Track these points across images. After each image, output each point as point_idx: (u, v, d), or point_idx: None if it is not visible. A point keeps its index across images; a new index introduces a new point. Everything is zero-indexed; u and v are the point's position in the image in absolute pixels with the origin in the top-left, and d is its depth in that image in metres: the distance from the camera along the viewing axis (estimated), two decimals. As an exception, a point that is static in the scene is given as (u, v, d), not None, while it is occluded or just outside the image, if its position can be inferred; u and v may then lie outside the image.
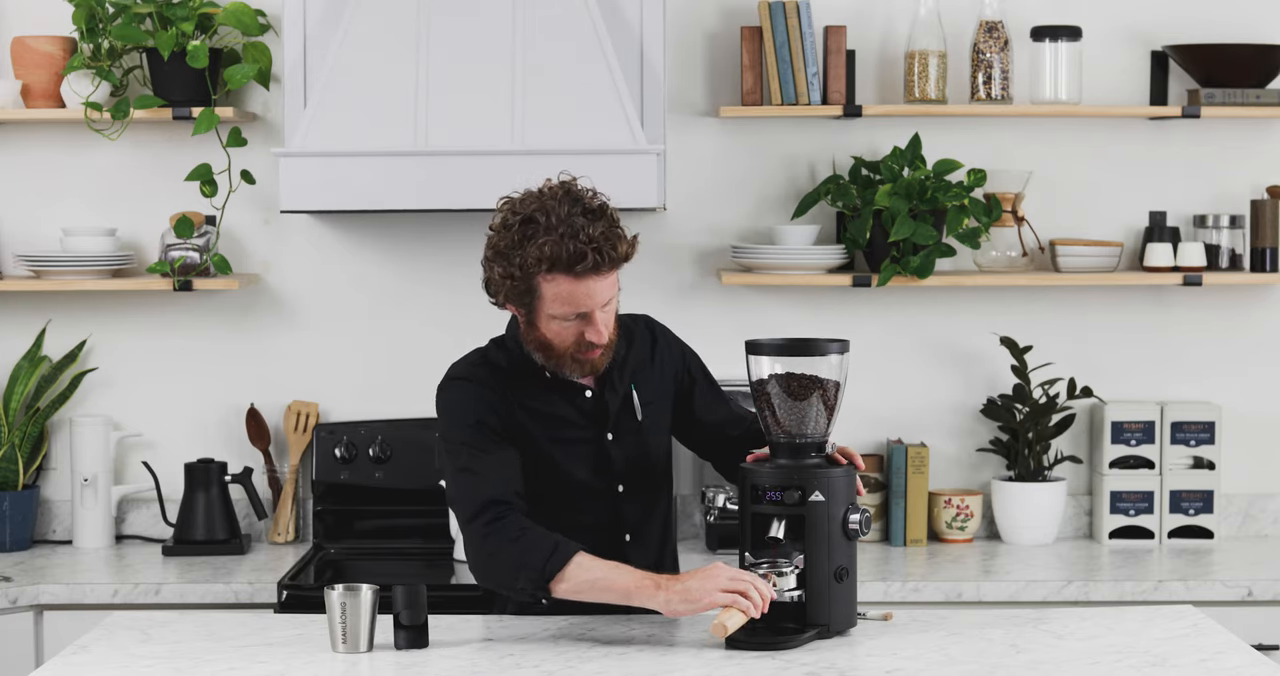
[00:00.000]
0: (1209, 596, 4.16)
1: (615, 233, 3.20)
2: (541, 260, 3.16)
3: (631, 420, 3.39)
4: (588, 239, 3.15)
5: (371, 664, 3.05)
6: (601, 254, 3.16)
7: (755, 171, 4.69)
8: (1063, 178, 4.70)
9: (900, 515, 4.57)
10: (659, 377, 3.45)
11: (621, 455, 3.38)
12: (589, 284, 3.19)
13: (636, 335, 3.46)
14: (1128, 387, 4.73)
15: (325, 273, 4.69)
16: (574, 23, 4.28)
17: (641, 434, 3.40)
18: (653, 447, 3.42)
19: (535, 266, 3.17)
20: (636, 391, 3.40)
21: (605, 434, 3.37)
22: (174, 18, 4.42)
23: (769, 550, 3.18)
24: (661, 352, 3.47)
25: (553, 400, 3.35)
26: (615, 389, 3.39)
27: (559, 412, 3.35)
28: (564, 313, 3.21)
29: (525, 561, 3.15)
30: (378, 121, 4.24)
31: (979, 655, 3.09)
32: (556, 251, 3.15)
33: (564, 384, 3.35)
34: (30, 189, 4.67)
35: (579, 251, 3.15)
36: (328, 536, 4.59)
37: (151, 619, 3.39)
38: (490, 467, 3.25)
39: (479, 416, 3.28)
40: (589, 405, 3.37)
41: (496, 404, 3.30)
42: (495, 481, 3.23)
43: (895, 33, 4.66)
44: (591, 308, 3.21)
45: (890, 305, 4.71)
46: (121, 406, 4.68)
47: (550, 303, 3.20)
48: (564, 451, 3.35)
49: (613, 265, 3.20)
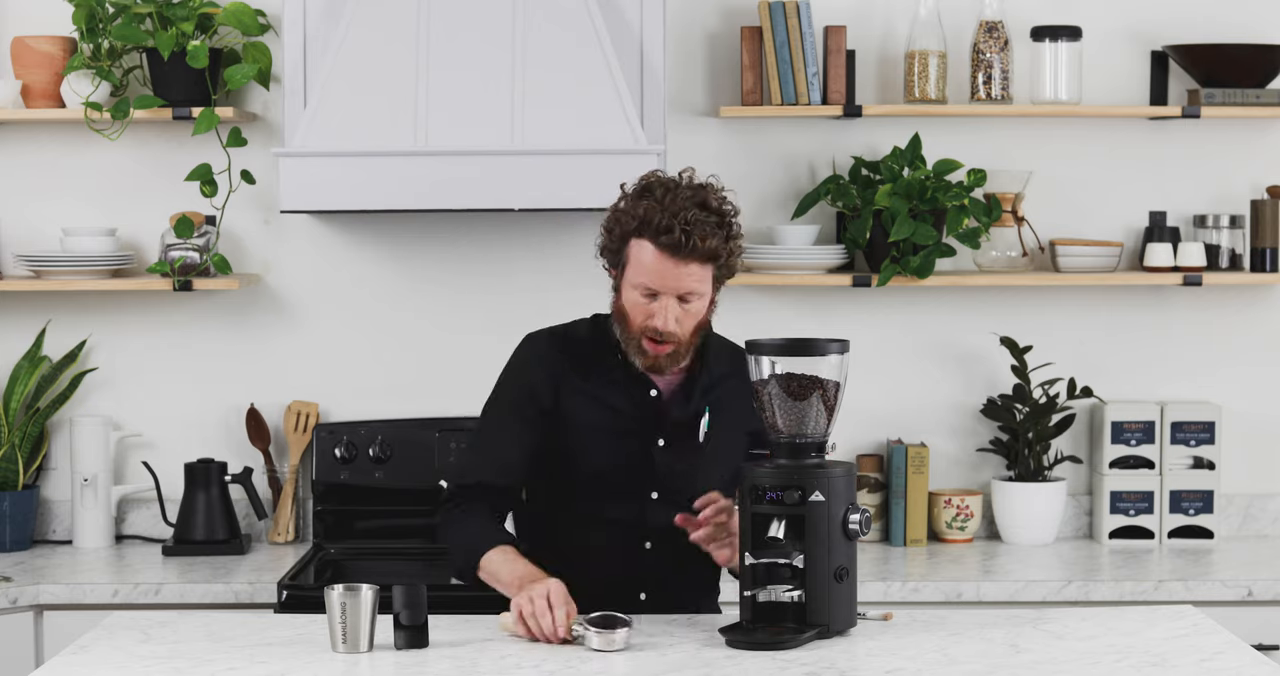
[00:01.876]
0: (1209, 596, 4.16)
1: (715, 229, 3.25)
2: (635, 219, 3.25)
3: (693, 436, 3.40)
4: (684, 220, 3.22)
5: (371, 664, 3.05)
6: (689, 237, 3.22)
7: (755, 171, 4.69)
8: (1063, 178, 4.70)
9: (900, 515, 4.58)
10: (748, 413, 3.37)
11: (667, 464, 3.38)
12: (669, 262, 3.23)
13: (742, 363, 3.40)
14: (1128, 387, 4.73)
15: (325, 273, 4.69)
16: (574, 23, 4.28)
17: (698, 453, 3.40)
18: (705, 470, 3.39)
19: (629, 224, 3.26)
20: (711, 414, 3.40)
21: (658, 439, 3.38)
22: (174, 18, 4.42)
23: (769, 550, 3.18)
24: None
25: (615, 389, 3.38)
26: (690, 401, 3.39)
27: (615, 403, 3.37)
28: (640, 283, 3.26)
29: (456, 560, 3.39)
30: (378, 121, 4.24)
31: (979, 655, 3.09)
32: (650, 216, 3.23)
33: (635, 377, 3.37)
34: (30, 189, 4.67)
35: (668, 225, 3.22)
36: (328, 536, 4.58)
37: (151, 619, 3.39)
38: (492, 445, 3.40)
39: (515, 391, 3.41)
40: (651, 404, 3.38)
41: (543, 381, 3.38)
42: (483, 464, 3.40)
43: (895, 33, 4.66)
44: (666, 289, 3.25)
45: (890, 305, 4.71)
46: (121, 406, 4.68)
47: (633, 269, 3.27)
48: (604, 443, 3.36)
49: (696, 254, 3.23)
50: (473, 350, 4.63)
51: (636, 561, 3.38)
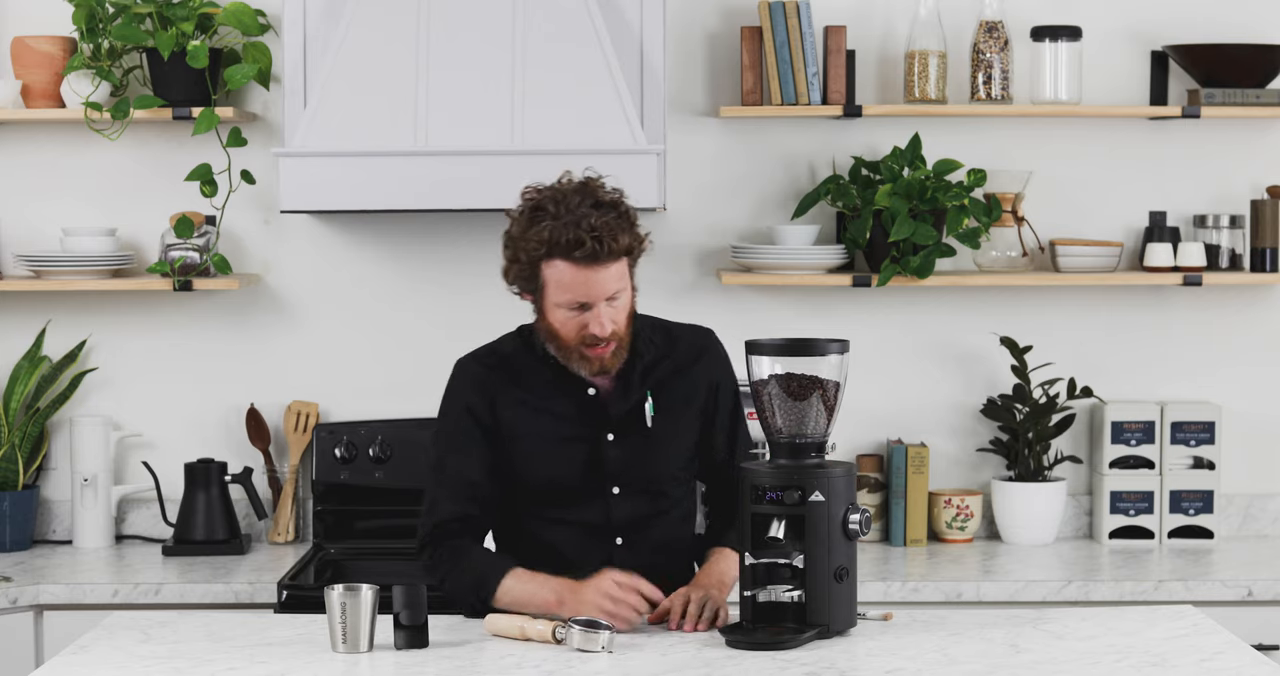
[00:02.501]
0: (1209, 596, 4.16)
1: (620, 225, 3.24)
2: (541, 244, 3.21)
3: (640, 425, 3.38)
4: (589, 227, 3.19)
5: (371, 664, 3.05)
6: (601, 243, 3.20)
7: (755, 171, 4.69)
8: (1063, 178, 4.70)
9: (900, 515, 4.57)
10: (689, 389, 3.42)
11: (620, 457, 3.37)
12: (589, 273, 3.21)
13: (681, 342, 3.45)
14: (1128, 387, 4.73)
15: (325, 273, 4.69)
16: (574, 23, 4.28)
17: (649, 439, 3.39)
18: (659, 455, 3.40)
19: (537, 250, 3.22)
20: (653, 398, 3.39)
21: (606, 434, 3.37)
22: (174, 18, 4.42)
23: (769, 550, 3.18)
24: (704, 368, 3.45)
25: (555, 396, 3.36)
26: (629, 391, 3.38)
27: (558, 409, 3.36)
28: (565, 300, 3.24)
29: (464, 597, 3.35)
30: (378, 121, 4.24)
31: (979, 655, 3.09)
32: (556, 236, 3.20)
33: (570, 379, 3.36)
34: (30, 189, 4.67)
35: (578, 238, 3.19)
36: (328, 536, 4.59)
37: (151, 619, 3.39)
38: (453, 474, 3.37)
39: (459, 417, 3.38)
40: (592, 404, 3.36)
41: (478, 402, 3.36)
42: (452, 494, 3.36)
43: (895, 33, 4.66)
44: (592, 299, 3.23)
45: (890, 305, 4.71)
46: (121, 406, 4.68)
47: (553, 290, 3.24)
48: (554, 450, 3.35)
49: (613, 256, 3.23)
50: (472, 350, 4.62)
51: (611, 558, 3.37)
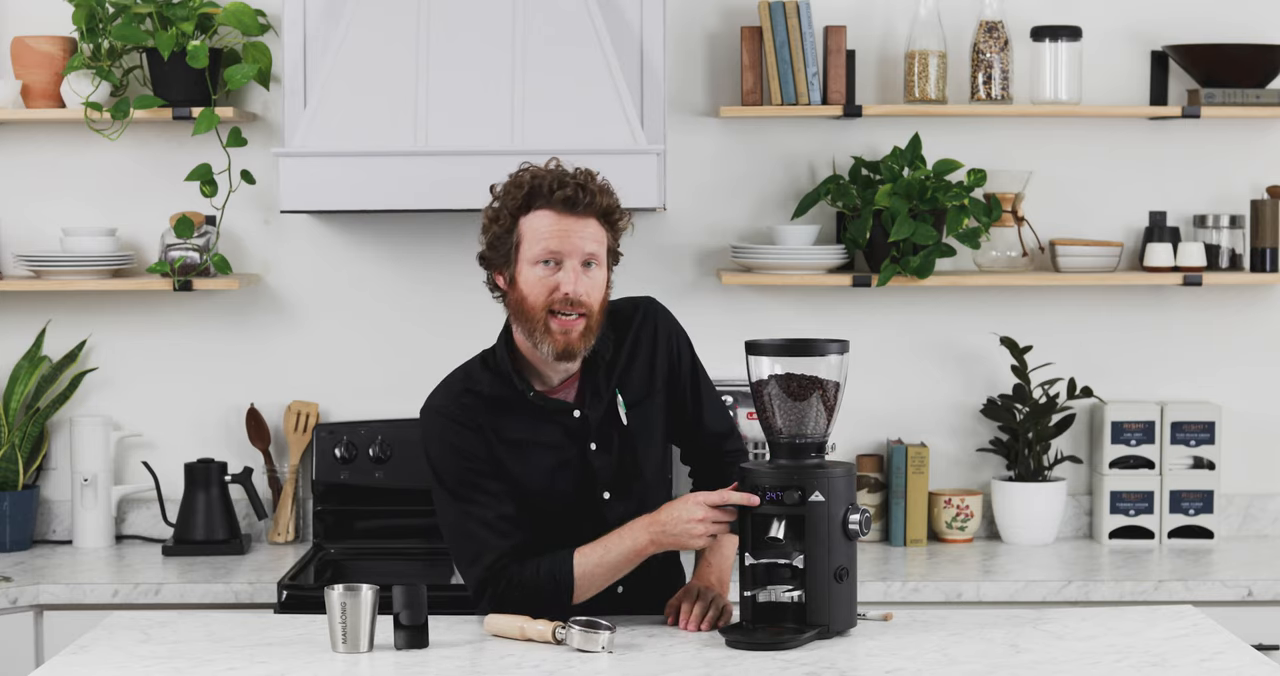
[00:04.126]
0: (1209, 596, 4.16)
1: (604, 188, 3.25)
2: (521, 188, 3.22)
3: (617, 425, 3.36)
4: (572, 177, 3.23)
5: (371, 664, 3.05)
6: (584, 191, 3.21)
7: (755, 171, 4.69)
8: (1063, 178, 4.70)
9: (900, 515, 4.58)
10: (650, 370, 3.40)
11: (606, 463, 3.35)
12: (568, 221, 3.20)
13: (634, 322, 3.40)
14: (1128, 387, 4.73)
15: (325, 273, 4.69)
16: (574, 23, 4.28)
17: (628, 438, 3.37)
18: (640, 449, 3.39)
19: (515, 199, 3.22)
20: (622, 394, 3.37)
21: (589, 445, 3.34)
22: (174, 18, 4.42)
23: (769, 550, 3.18)
24: (659, 343, 3.42)
25: (538, 425, 3.32)
26: (601, 395, 3.35)
27: (543, 438, 3.32)
28: (539, 252, 3.20)
29: (542, 608, 3.22)
30: (378, 121, 4.24)
31: (979, 655, 3.09)
32: (538, 182, 3.22)
33: (549, 407, 3.31)
34: (30, 189, 4.67)
35: (560, 181, 3.21)
36: (328, 536, 4.59)
37: (151, 619, 3.39)
38: (483, 517, 3.27)
39: (463, 459, 3.29)
40: (576, 425, 3.33)
41: (475, 443, 3.29)
42: (490, 536, 3.27)
43: (895, 33, 4.67)
44: (567, 251, 3.20)
45: (890, 305, 4.71)
46: (121, 406, 4.68)
47: (528, 243, 3.22)
48: (547, 474, 3.32)
49: (592, 209, 3.22)
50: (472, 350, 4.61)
51: None
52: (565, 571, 3.22)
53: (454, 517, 3.31)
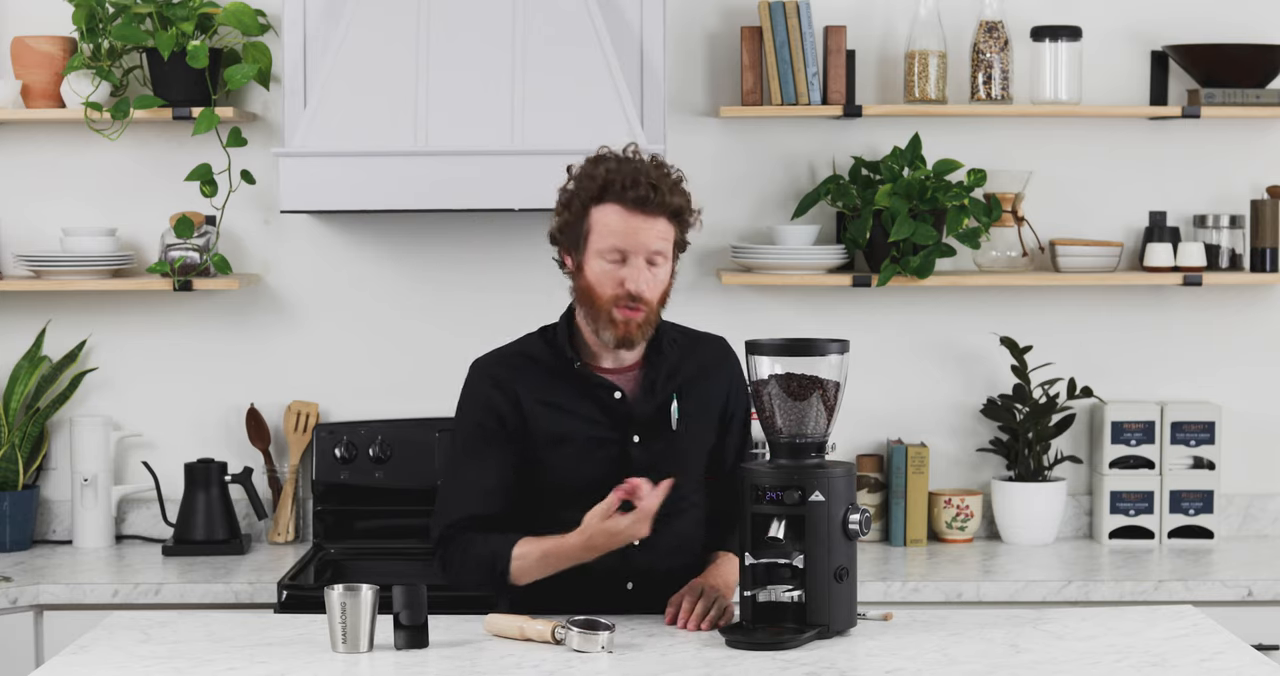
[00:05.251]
0: (1209, 596, 4.16)
1: (677, 186, 3.29)
2: (595, 181, 3.26)
3: (665, 427, 3.38)
4: (648, 176, 3.26)
5: (371, 664, 3.05)
6: (657, 191, 3.25)
7: (755, 171, 4.69)
8: (1063, 178, 4.70)
9: (900, 515, 4.58)
10: (711, 393, 3.42)
11: (645, 460, 3.35)
12: (638, 221, 3.25)
13: (702, 348, 3.45)
14: (1128, 387, 4.73)
15: (325, 273, 4.69)
16: (574, 22, 4.28)
17: (675, 443, 3.38)
18: (683, 457, 3.39)
19: (589, 189, 3.27)
20: (678, 400, 3.39)
21: (632, 436, 3.36)
22: (174, 18, 4.42)
23: (769, 550, 3.18)
24: (725, 375, 3.45)
25: (580, 398, 3.36)
26: (654, 393, 3.37)
27: (584, 412, 3.35)
28: (608, 246, 3.25)
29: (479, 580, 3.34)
30: (378, 121, 4.24)
31: (979, 655, 3.09)
32: (612, 177, 3.25)
33: (596, 382, 3.35)
34: (30, 189, 4.67)
35: (634, 180, 3.25)
36: (328, 536, 4.59)
37: (151, 619, 3.39)
38: (468, 478, 3.37)
39: (479, 418, 3.38)
40: (618, 407, 3.36)
41: (503, 402, 3.35)
42: (464, 497, 3.36)
43: (895, 33, 4.67)
44: (636, 248, 3.25)
45: (890, 305, 4.71)
46: (121, 406, 4.68)
47: (597, 235, 3.26)
48: (579, 453, 3.34)
49: (663, 209, 3.26)
50: (472, 350, 4.58)
51: (624, 554, 3.35)
52: (505, 554, 3.30)
53: (448, 468, 3.44)
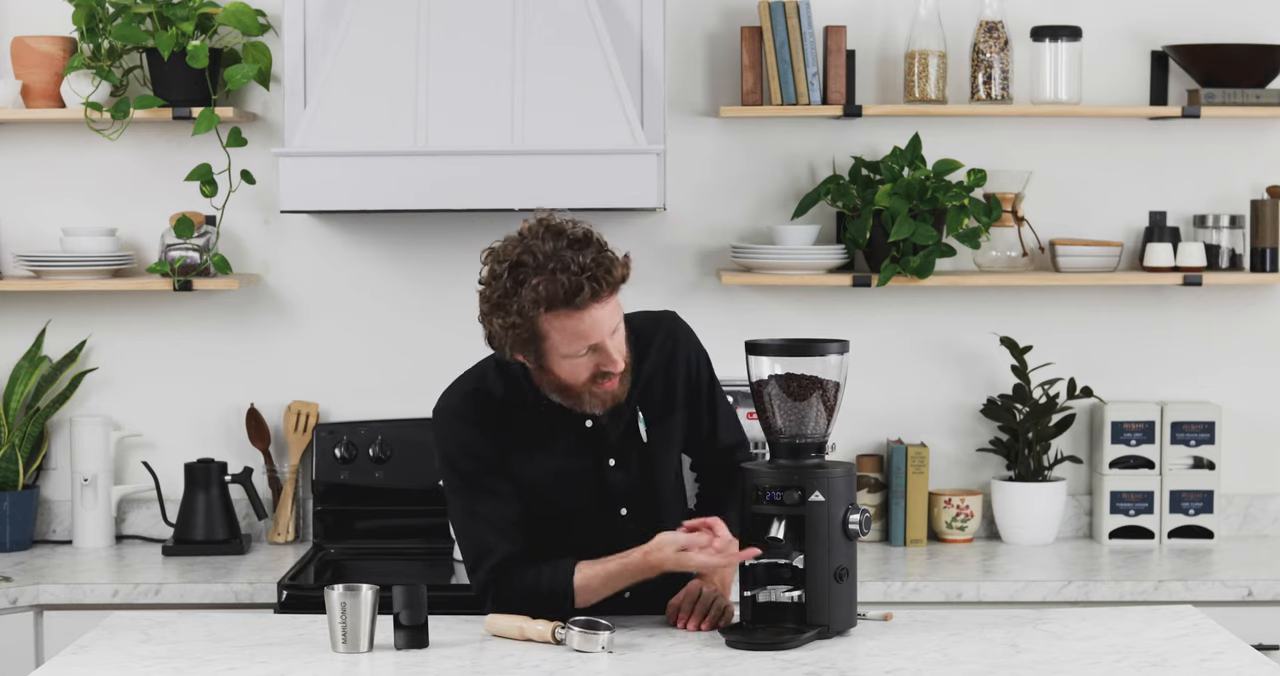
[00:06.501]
0: (1209, 596, 4.16)
1: (606, 257, 3.14)
2: (538, 301, 3.09)
3: (637, 442, 3.35)
4: (580, 268, 3.10)
5: (371, 664, 3.05)
6: (597, 281, 3.11)
7: (755, 171, 4.69)
8: (1063, 178, 4.70)
9: (900, 515, 4.58)
10: (670, 387, 3.39)
11: (624, 480, 3.34)
12: (592, 314, 3.13)
13: (655, 342, 3.39)
14: (1128, 387, 4.73)
15: (325, 273, 4.69)
16: (574, 23, 4.28)
17: (648, 456, 3.36)
18: (659, 468, 3.38)
19: (534, 308, 3.10)
20: (643, 411, 3.35)
21: (607, 460, 3.34)
22: (174, 18, 4.42)
23: (769, 550, 3.18)
24: (678, 361, 3.41)
25: (551, 430, 3.31)
26: (620, 413, 3.33)
27: (557, 443, 3.31)
28: (574, 349, 3.15)
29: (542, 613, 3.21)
30: (378, 121, 4.24)
31: (979, 655, 3.09)
32: (552, 289, 3.09)
33: (566, 414, 3.30)
34: (30, 189, 4.67)
35: (574, 283, 3.09)
36: (328, 536, 4.59)
37: (151, 619, 3.39)
38: (489, 517, 3.28)
39: (473, 453, 3.29)
40: (590, 434, 3.32)
41: (484, 444, 3.28)
42: (495, 536, 3.27)
43: (895, 33, 4.66)
44: (600, 337, 3.15)
45: (890, 305, 4.71)
46: (121, 406, 4.68)
47: (559, 342, 3.15)
48: (560, 482, 3.32)
49: (610, 290, 3.15)
50: (472, 350, 4.58)
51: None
52: (566, 581, 3.23)
53: (461, 517, 3.31)
